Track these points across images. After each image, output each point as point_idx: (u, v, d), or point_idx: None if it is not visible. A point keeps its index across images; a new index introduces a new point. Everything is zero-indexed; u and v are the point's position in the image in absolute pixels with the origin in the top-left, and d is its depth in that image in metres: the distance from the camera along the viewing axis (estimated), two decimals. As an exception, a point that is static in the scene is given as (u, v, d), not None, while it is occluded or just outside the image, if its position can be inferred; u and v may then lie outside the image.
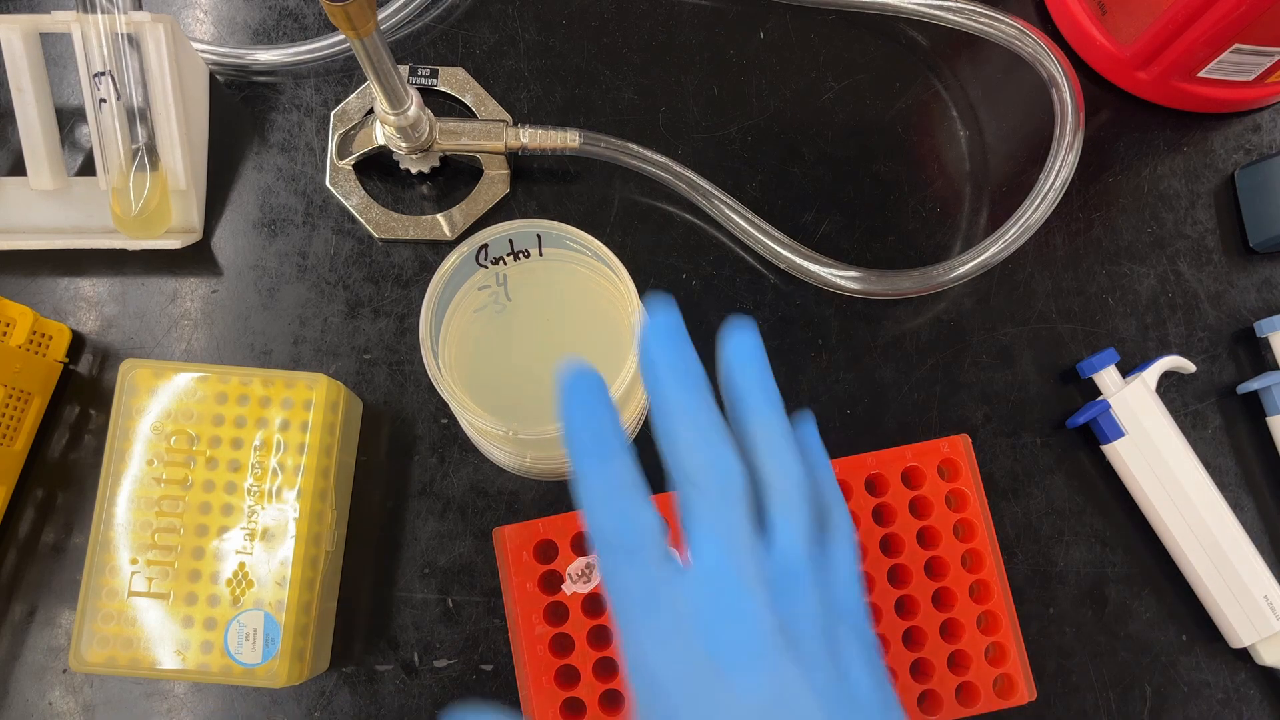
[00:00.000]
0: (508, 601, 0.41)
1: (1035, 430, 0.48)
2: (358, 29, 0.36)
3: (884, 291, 0.47)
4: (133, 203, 0.45)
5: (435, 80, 0.50)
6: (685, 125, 0.51)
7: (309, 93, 0.51)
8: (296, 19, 0.52)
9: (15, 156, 0.48)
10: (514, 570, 0.41)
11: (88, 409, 0.47)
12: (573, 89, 0.51)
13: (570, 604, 0.41)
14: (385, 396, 0.47)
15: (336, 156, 0.49)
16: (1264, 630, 0.44)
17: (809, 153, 0.51)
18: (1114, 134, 0.52)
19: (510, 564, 0.41)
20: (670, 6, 0.52)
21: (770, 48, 0.52)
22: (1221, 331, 0.49)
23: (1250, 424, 0.49)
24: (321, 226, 0.49)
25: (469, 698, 0.44)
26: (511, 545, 0.41)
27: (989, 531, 0.42)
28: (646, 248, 0.49)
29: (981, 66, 0.52)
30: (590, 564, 0.41)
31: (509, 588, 0.41)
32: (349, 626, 0.45)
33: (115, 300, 0.48)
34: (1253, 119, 0.52)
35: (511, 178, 0.49)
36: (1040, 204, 0.46)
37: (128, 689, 0.44)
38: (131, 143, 0.45)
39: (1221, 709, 0.46)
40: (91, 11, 0.44)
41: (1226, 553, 0.44)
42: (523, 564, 0.41)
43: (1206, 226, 0.51)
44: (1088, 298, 0.49)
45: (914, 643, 0.42)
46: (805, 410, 0.32)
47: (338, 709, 0.44)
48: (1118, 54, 0.50)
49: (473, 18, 0.52)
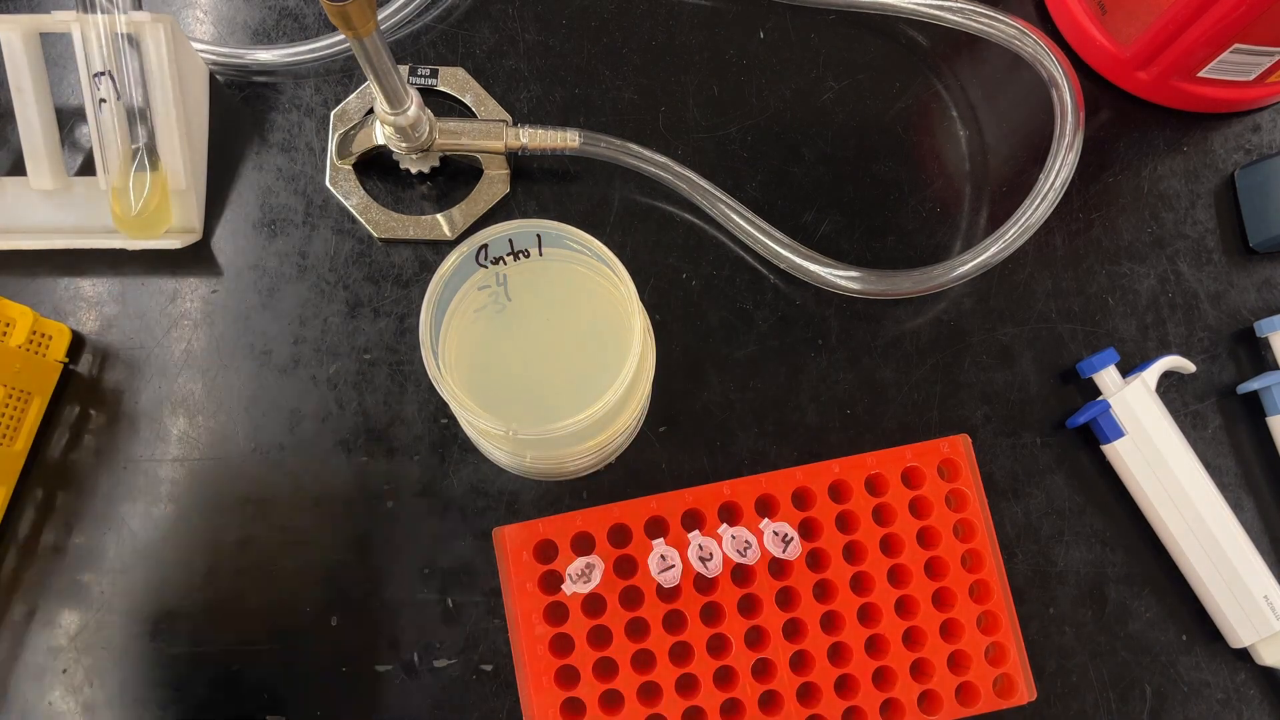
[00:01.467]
0: (508, 602, 0.41)
1: (1035, 430, 0.48)
2: (358, 29, 0.36)
3: (884, 291, 0.47)
4: (133, 203, 0.45)
5: (435, 80, 0.50)
6: (685, 125, 0.51)
7: (309, 93, 0.51)
8: (296, 19, 0.52)
9: (15, 156, 0.48)
10: (514, 570, 0.41)
11: (88, 409, 0.47)
12: (573, 89, 0.51)
13: (570, 604, 0.41)
14: (385, 396, 0.47)
15: (336, 156, 0.49)
16: (1264, 630, 0.44)
17: (809, 153, 0.51)
18: (1114, 134, 0.52)
19: (510, 564, 0.41)
20: (670, 6, 0.52)
21: (770, 48, 0.52)
22: (1221, 331, 0.49)
23: (1250, 424, 0.49)
24: (321, 226, 0.49)
25: (469, 698, 0.44)
26: (511, 545, 0.41)
27: (989, 531, 0.42)
28: (646, 248, 0.49)
29: (981, 66, 0.52)
30: (590, 564, 0.41)
31: (509, 588, 0.41)
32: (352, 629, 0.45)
33: (115, 300, 0.48)
34: (1253, 119, 0.52)
35: (511, 178, 0.49)
36: (1040, 204, 0.46)
37: (128, 689, 0.44)
38: (131, 143, 0.45)
39: (1221, 709, 0.46)
40: (91, 11, 0.44)
41: (1226, 553, 0.44)
42: (523, 564, 0.41)
43: (1206, 226, 0.51)
44: (1088, 298, 0.49)
45: (914, 642, 0.42)
46: None
47: (338, 709, 0.44)
48: (1118, 54, 0.50)
49: (473, 18, 0.52)
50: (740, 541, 0.42)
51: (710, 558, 0.41)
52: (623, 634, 0.41)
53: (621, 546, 0.41)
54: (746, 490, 0.42)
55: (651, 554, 0.41)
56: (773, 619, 0.42)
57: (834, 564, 0.42)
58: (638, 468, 0.47)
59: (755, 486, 0.42)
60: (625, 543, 0.42)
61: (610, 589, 0.41)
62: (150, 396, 0.47)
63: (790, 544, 0.42)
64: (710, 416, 0.47)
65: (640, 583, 0.41)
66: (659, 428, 0.47)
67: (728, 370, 0.48)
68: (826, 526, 0.42)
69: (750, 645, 0.42)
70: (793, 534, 0.42)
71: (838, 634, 0.42)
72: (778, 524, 0.42)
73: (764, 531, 0.42)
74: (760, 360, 0.48)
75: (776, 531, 0.42)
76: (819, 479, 0.42)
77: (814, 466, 0.42)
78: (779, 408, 0.48)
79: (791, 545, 0.42)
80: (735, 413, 0.47)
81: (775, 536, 0.42)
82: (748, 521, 0.42)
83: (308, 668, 0.45)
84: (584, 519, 0.41)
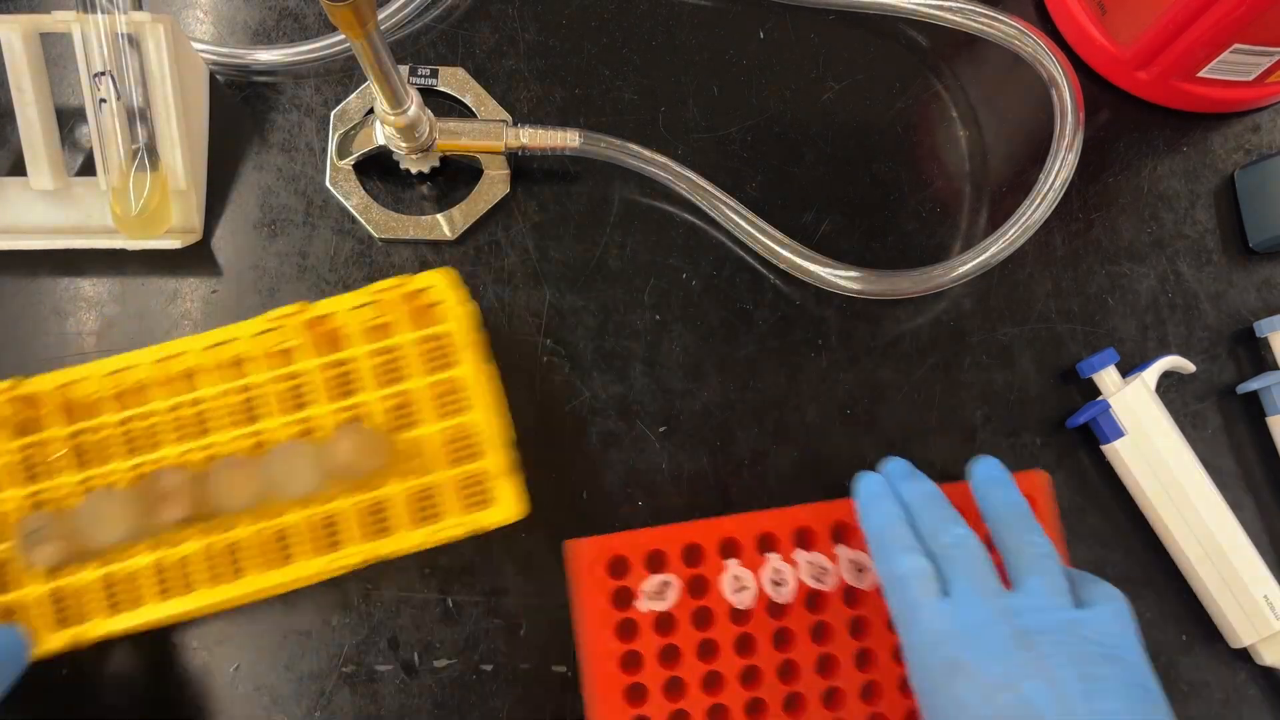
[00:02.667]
0: (578, 615, 0.41)
1: (1035, 430, 0.48)
2: (357, 29, 0.36)
3: (884, 291, 0.47)
4: (133, 203, 0.45)
5: (435, 80, 0.50)
6: (685, 125, 0.51)
7: (309, 93, 0.51)
8: (296, 19, 0.52)
9: (15, 156, 0.48)
10: (587, 585, 0.41)
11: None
12: (573, 89, 0.51)
13: (641, 621, 0.41)
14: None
15: (336, 156, 0.49)
16: (1264, 630, 0.44)
17: (809, 153, 0.51)
18: (1114, 134, 0.52)
19: (584, 578, 0.41)
20: (670, 6, 0.52)
21: (770, 48, 0.52)
22: (1221, 331, 0.49)
23: (1250, 424, 0.49)
24: (321, 227, 0.49)
25: (469, 698, 0.44)
26: (585, 559, 0.41)
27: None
28: (646, 248, 0.49)
29: (981, 66, 0.52)
30: (666, 582, 0.41)
31: (580, 602, 0.41)
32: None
33: (115, 300, 0.48)
34: (1253, 119, 0.52)
35: (511, 178, 0.49)
36: (1040, 204, 0.46)
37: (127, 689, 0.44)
38: (131, 143, 0.45)
39: (1221, 709, 0.46)
40: (91, 11, 0.44)
41: (1226, 553, 0.44)
42: (596, 579, 0.41)
43: (1206, 226, 0.51)
44: (1088, 298, 0.49)
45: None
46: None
47: (337, 709, 0.44)
48: (1117, 54, 0.50)
49: (473, 18, 0.52)
50: (816, 568, 0.42)
51: (784, 583, 0.41)
52: (693, 654, 0.41)
53: (693, 565, 0.41)
54: (822, 515, 0.42)
55: (725, 575, 0.41)
56: (845, 647, 0.41)
57: None
58: (638, 467, 0.47)
59: (831, 512, 0.42)
60: (697, 562, 0.42)
61: (682, 608, 0.41)
62: (150, 396, 0.47)
63: (865, 572, 0.42)
64: (710, 416, 0.47)
65: (711, 603, 0.41)
66: (659, 428, 0.47)
67: (728, 370, 0.48)
68: None
69: (821, 672, 0.41)
70: (868, 562, 0.42)
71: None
72: (853, 552, 0.42)
73: (839, 558, 0.42)
74: (760, 360, 0.48)
75: (852, 560, 0.42)
76: None
77: None
78: (779, 408, 0.48)
79: (867, 574, 0.42)
80: (735, 413, 0.47)
81: (851, 565, 0.42)
82: (821, 547, 0.42)
83: (308, 667, 0.45)
84: (657, 536, 0.41)
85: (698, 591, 0.41)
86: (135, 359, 0.42)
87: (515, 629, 0.45)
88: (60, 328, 0.48)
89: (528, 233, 0.49)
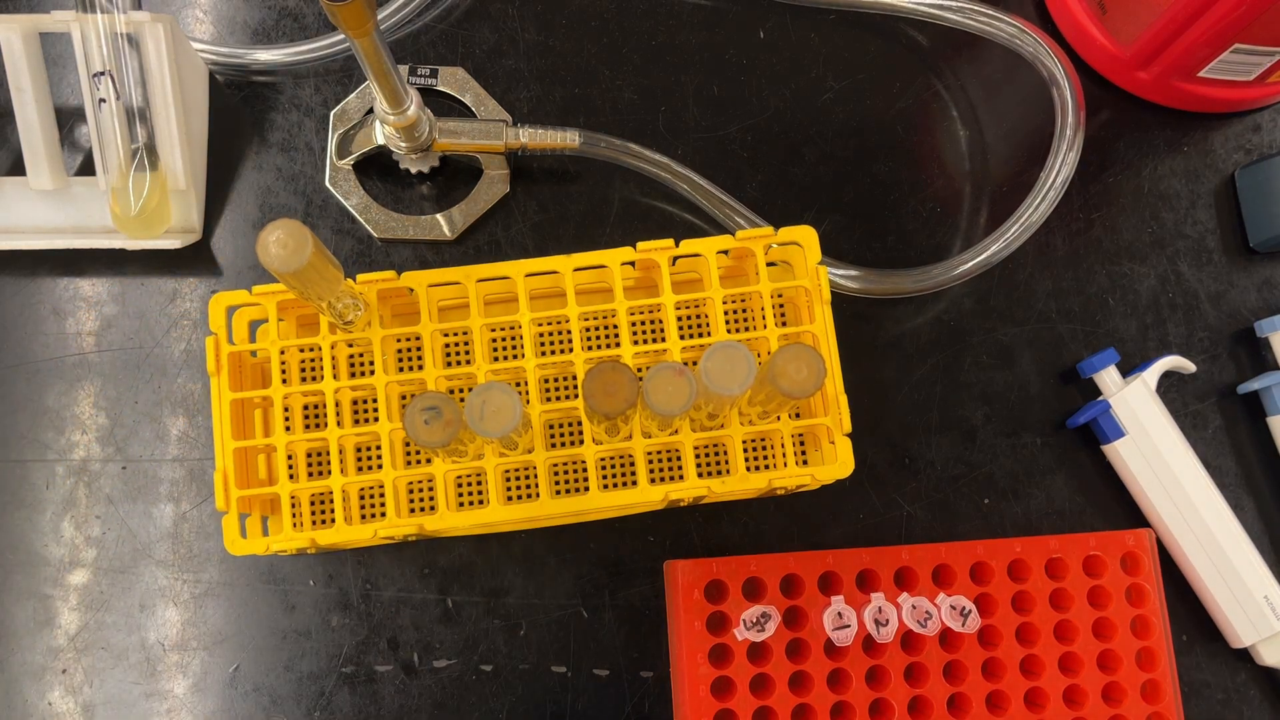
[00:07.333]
0: (673, 637, 0.41)
1: (1035, 430, 0.48)
2: (357, 29, 0.36)
3: (884, 291, 0.47)
4: (132, 203, 0.45)
5: (435, 80, 0.50)
6: (685, 125, 0.51)
7: (309, 93, 0.51)
8: (296, 19, 0.52)
9: (15, 156, 0.48)
10: (684, 607, 0.41)
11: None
12: (573, 89, 0.51)
13: (736, 647, 0.41)
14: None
15: (336, 156, 0.49)
16: (1264, 630, 0.44)
17: (809, 153, 0.51)
18: (1114, 134, 0.52)
19: (681, 600, 0.41)
20: (670, 6, 0.52)
21: (770, 48, 0.52)
22: (1221, 331, 0.49)
23: (1250, 424, 0.48)
24: (321, 226, 0.49)
25: (469, 698, 0.44)
26: (685, 582, 0.41)
27: (1165, 631, 0.42)
28: (646, 248, 0.49)
29: (981, 66, 0.52)
30: (766, 613, 0.40)
31: (676, 624, 0.41)
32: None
33: (115, 300, 0.48)
34: (1253, 119, 0.52)
35: (511, 178, 0.49)
36: (1040, 203, 0.46)
37: (127, 689, 0.44)
38: (131, 143, 0.45)
39: (1221, 709, 0.46)
40: (91, 11, 0.44)
41: (1226, 553, 0.44)
42: (694, 602, 0.41)
43: (1206, 226, 0.51)
44: (1088, 298, 0.49)
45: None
46: None
47: (337, 709, 0.44)
48: (1118, 54, 0.50)
49: (473, 18, 0.52)
50: (920, 612, 0.41)
51: (886, 623, 0.41)
52: (785, 685, 0.41)
53: (792, 596, 0.41)
54: (924, 557, 0.42)
55: (829, 610, 0.41)
56: (938, 690, 0.41)
57: (1004, 643, 0.42)
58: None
59: (933, 555, 0.42)
60: (795, 593, 0.42)
61: (777, 638, 0.41)
62: (150, 396, 0.47)
63: (969, 617, 0.41)
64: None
65: (808, 636, 0.41)
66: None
67: (728, 370, 0.48)
68: (1001, 604, 0.42)
69: (912, 713, 0.41)
70: (971, 608, 0.41)
71: (1002, 714, 0.41)
72: (955, 598, 0.42)
73: (941, 605, 0.42)
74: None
75: (954, 605, 0.42)
76: (998, 555, 0.42)
77: (994, 542, 0.42)
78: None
79: (970, 619, 0.41)
80: (735, 413, 0.47)
81: (953, 610, 0.42)
82: (923, 588, 0.42)
83: (308, 668, 0.45)
84: (757, 564, 0.41)
85: (791, 622, 0.41)
86: (500, 270, 0.42)
87: (515, 629, 0.45)
88: (60, 327, 0.48)
89: (527, 232, 0.49)
